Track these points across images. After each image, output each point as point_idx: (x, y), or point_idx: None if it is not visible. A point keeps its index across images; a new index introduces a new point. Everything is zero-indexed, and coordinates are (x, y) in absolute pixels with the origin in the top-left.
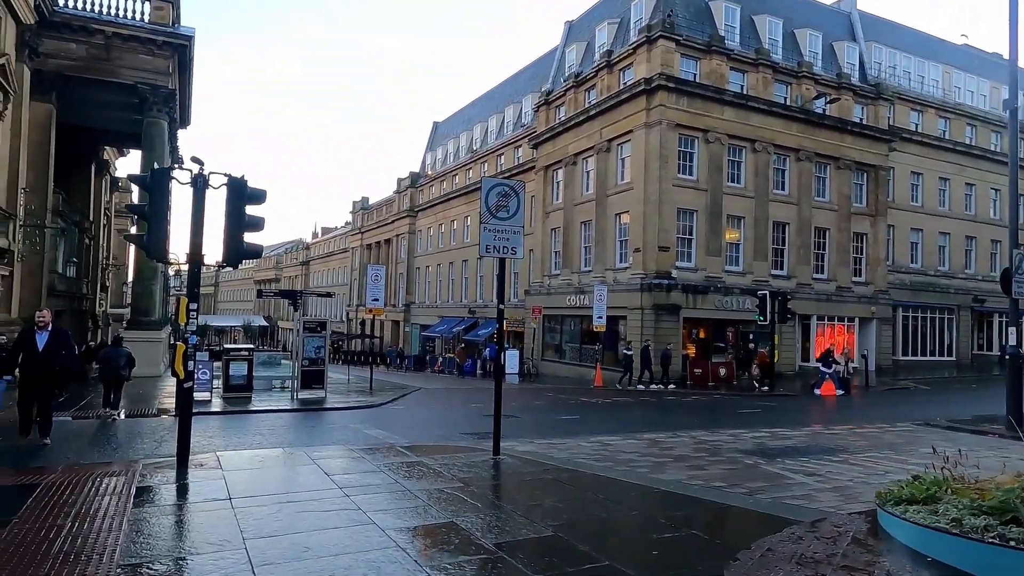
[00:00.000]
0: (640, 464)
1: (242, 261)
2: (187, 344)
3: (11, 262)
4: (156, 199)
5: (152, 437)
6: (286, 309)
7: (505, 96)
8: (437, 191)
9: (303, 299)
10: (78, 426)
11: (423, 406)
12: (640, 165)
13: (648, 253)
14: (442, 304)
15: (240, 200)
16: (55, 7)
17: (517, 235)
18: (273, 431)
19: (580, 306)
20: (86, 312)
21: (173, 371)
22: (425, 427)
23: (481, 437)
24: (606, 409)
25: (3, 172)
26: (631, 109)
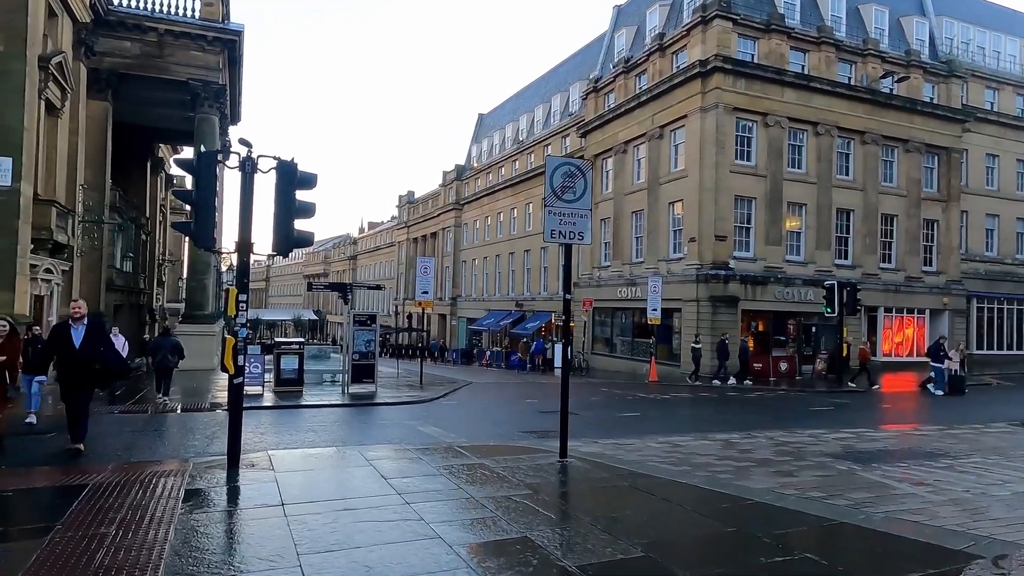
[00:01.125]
0: (720, 469)
1: (293, 250)
2: (237, 338)
3: (70, 257)
4: (203, 184)
5: (204, 433)
6: (334, 303)
7: (551, 85)
8: (483, 183)
9: (352, 292)
10: (131, 420)
11: (476, 401)
12: (695, 151)
13: (704, 243)
14: (489, 297)
15: (290, 185)
16: (110, 6)
17: (584, 219)
18: (325, 427)
19: (631, 298)
20: (143, 307)
21: (223, 366)
22: (481, 424)
23: (542, 436)
24: (666, 406)
25: (62, 169)
26: (685, 93)
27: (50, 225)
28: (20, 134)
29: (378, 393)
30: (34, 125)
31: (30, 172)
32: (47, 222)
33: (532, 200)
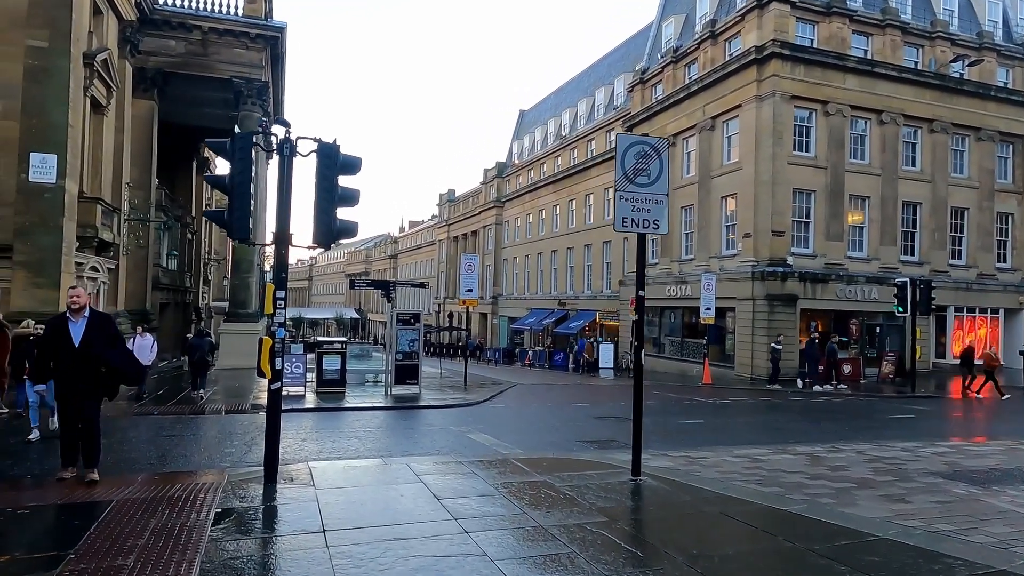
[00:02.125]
0: (817, 491)
1: (335, 241)
2: (274, 338)
3: (116, 255)
4: (238, 169)
5: (243, 438)
6: (375, 301)
7: (595, 78)
8: (524, 180)
9: (395, 290)
10: (169, 423)
11: (524, 405)
12: (750, 142)
13: (760, 238)
14: (531, 296)
15: (332, 169)
16: (155, 5)
17: (660, 205)
18: (369, 433)
19: (680, 297)
20: (189, 305)
21: (259, 369)
22: (534, 431)
23: (603, 447)
24: (729, 412)
25: (107, 167)
26: (739, 82)
27: (95, 223)
28: (64, 131)
29: (422, 395)
30: (79, 122)
31: (75, 169)
32: (92, 220)
33: (575, 197)
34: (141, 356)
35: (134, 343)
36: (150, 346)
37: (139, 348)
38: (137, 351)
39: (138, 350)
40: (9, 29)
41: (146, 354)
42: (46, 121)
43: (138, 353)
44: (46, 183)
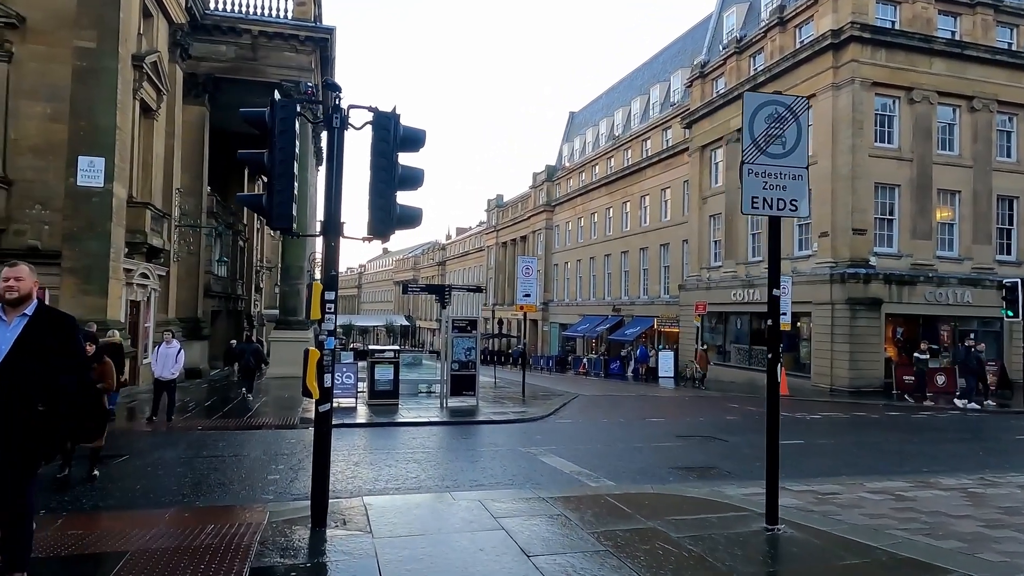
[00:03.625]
0: (1009, 548)
1: (395, 231)
2: (322, 350)
3: (167, 262)
4: (279, 144)
5: (289, 460)
6: (424, 308)
7: (649, 76)
8: (575, 183)
9: (450, 295)
10: (212, 440)
11: (592, 420)
12: (826, 134)
13: (839, 237)
14: (583, 302)
15: (390, 144)
16: (206, 10)
17: (799, 181)
18: (428, 455)
19: (748, 301)
20: (241, 313)
21: (304, 387)
22: (614, 454)
23: (703, 475)
24: (826, 429)
25: (158, 172)
26: (812, 69)
27: (144, 228)
28: (112, 133)
29: (480, 408)
30: (128, 125)
31: (124, 173)
32: (141, 225)
33: (629, 198)
34: (165, 367)
35: (158, 352)
36: (175, 355)
37: (163, 358)
38: (160, 361)
39: (161, 360)
40: (56, 30)
41: (170, 365)
42: (94, 123)
43: (162, 364)
44: (94, 187)
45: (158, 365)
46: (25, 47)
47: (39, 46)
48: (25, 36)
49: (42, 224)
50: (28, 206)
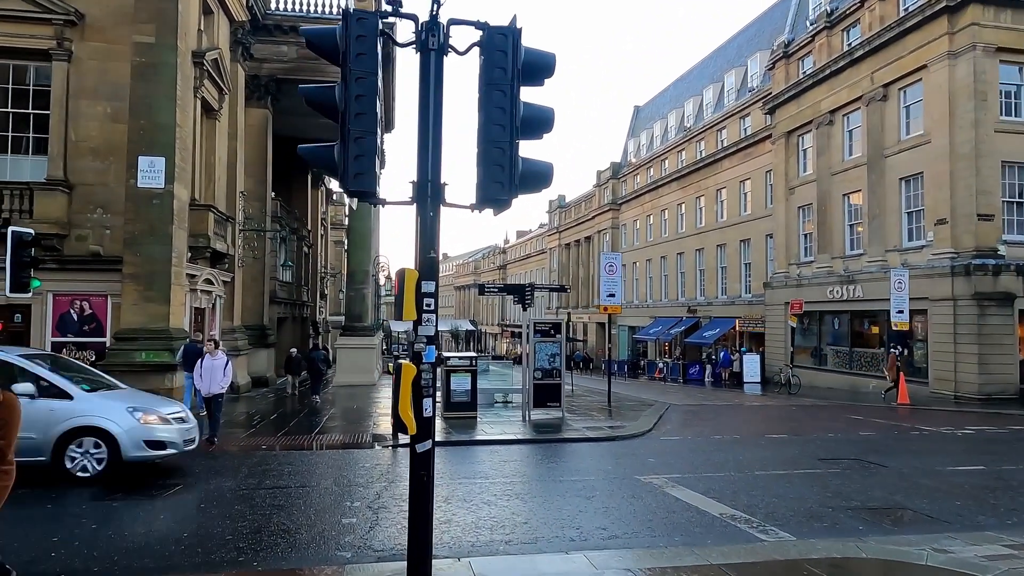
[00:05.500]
0: None
1: (517, 194)
2: (420, 364)
3: (231, 267)
4: (355, 72)
5: (365, 494)
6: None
7: (722, 62)
8: (643, 179)
9: (532, 296)
10: (278, 463)
11: (702, 436)
12: (941, 109)
13: (960, 224)
14: (654, 303)
15: (509, 71)
16: (267, 10)
17: None
18: (530, 486)
19: (847, 299)
20: (307, 320)
21: (396, 419)
22: (757, 484)
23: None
24: (990, 448)
25: (221, 174)
26: (922, 38)
27: (208, 232)
28: (172, 131)
29: (567, 421)
30: (189, 124)
31: (184, 174)
32: (204, 228)
33: (703, 193)
34: (213, 382)
35: (202, 365)
36: (223, 368)
37: (209, 371)
38: (207, 375)
39: (208, 374)
40: (115, 27)
41: (219, 379)
42: (153, 122)
43: (208, 378)
44: (154, 188)
45: (204, 380)
46: (84, 45)
47: (98, 43)
48: (84, 33)
49: (103, 229)
50: (89, 210)
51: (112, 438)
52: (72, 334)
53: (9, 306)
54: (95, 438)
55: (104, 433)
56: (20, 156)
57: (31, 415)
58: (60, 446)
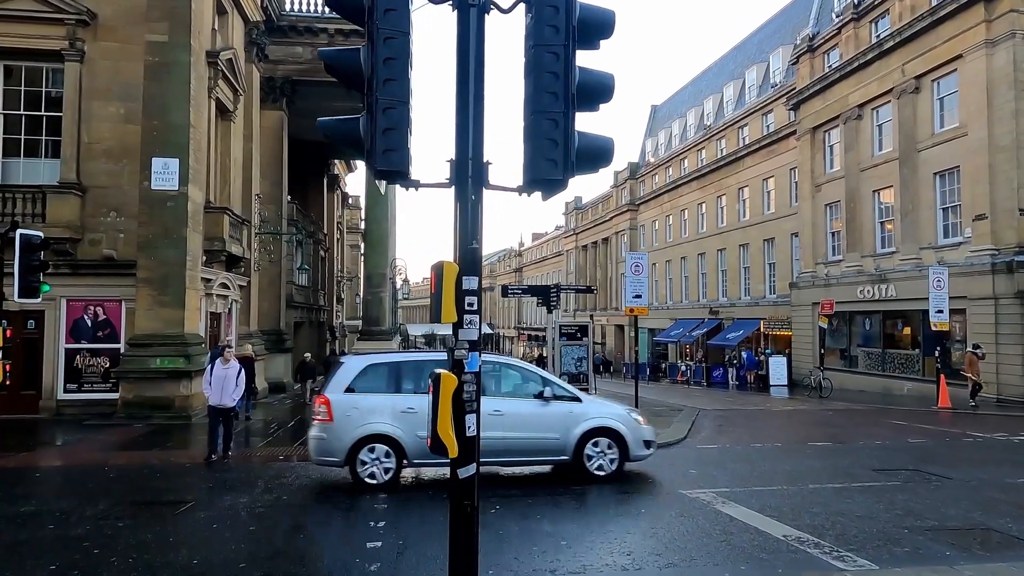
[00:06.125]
0: None
1: (573, 174)
2: (462, 373)
3: (247, 271)
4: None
5: (388, 516)
6: (503, 316)
7: (743, 58)
8: (661, 179)
9: (558, 297)
10: (294, 473)
11: (741, 444)
12: (978, 100)
13: (1000, 219)
14: (675, 305)
15: (562, 30)
16: (282, 11)
17: None
18: (564, 501)
19: (879, 298)
20: (323, 324)
21: (435, 438)
22: (815, 499)
23: (986, 543)
24: None
25: (236, 176)
26: (958, 26)
27: (223, 235)
28: (186, 132)
29: None
30: (203, 124)
31: (199, 175)
32: (219, 231)
33: (724, 192)
34: (225, 392)
35: (212, 373)
36: (236, 376)
37: (220, 380)
38: (216, 385)
39: (218, 383)
40: (127, 26)
41: (230, 389)
42: (167, 122)
43: (219, 388)
44: (168, 190)
45: (214, 389)
46: (97, 45)
47: (111, 43)
48: (96, 33)
49: (117, 232)
50: (103, 213)
51: (621, 438)
52: (86, 340)
53: (23, 312)
54: (608, 439)
55: (615, 433)
56: (33, 159)
57: (550, 417)
58: (580, 446)
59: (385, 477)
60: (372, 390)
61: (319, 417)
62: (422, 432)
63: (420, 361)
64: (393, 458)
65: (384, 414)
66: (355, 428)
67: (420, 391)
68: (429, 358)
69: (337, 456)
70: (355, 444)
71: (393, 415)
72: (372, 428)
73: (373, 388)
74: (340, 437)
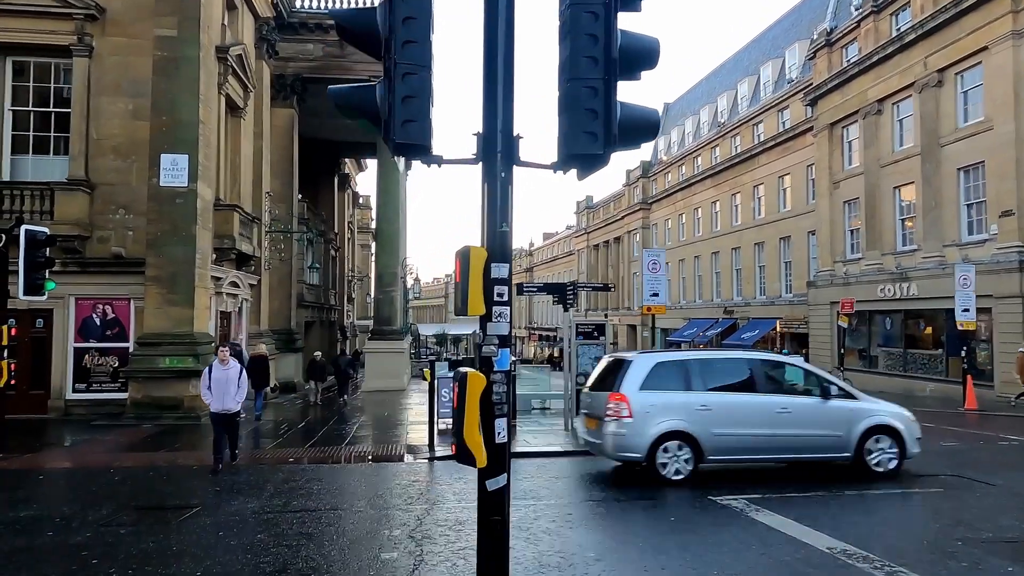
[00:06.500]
0: None
1: (615, 149)
2: (491, 372)
3: (258, 270)
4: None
5: (404, 520)
6: (514, 315)
7: (758, 54)
8: (674, 178)
9: (575, 295)
10: (303, 479)
11: None
12: (1005, 93)
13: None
14: (688, 304)
15: None
16: (292, 8)
17: None
18: (588, 509)
19: (901, 297)
20: (334, 324)
21: (461, 447)
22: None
23: None
24: None
25: (246, 174)
26: (982, 18)
27: (233, 233)
28: (195, 128)
29: None
30: (213, 121)
31: (209, 172)
32: (229, 229)
33: (739, 190)
34: (227, 396)
35: (211, 375)
36: (237, 379)
37: (220, 384)
38: (217, 388)
39: (219, 387)
40: (136, 21)
41: (233, 392)
42: (176, 118)
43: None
44: (177, 187)
45: (215, 394)
46: (105, 40)
47: (119, 38)
48: (105, 28)
49: (126, 230)
50: (111, 211)
51: (899, 435)
52: (95, 339)
53: (31, 311)
54: (889, 436)
55: (893, 431)
56: (42, 156)
57: (832, 414)
58: (861, 443)
59: (683, 473)
60: (663, 388)
61: (617, 414)
62: (717, 430)
63: (707, 360)
64: (691, 455)
65: (679, 411)
66: (654, 425)
67: (710, 389)
68: (715, 356)
69: (638, 452)
70: (655, 441)
71: (688, 412)
72: (670, 425)
73: (663, 386)
74: (640, 433)
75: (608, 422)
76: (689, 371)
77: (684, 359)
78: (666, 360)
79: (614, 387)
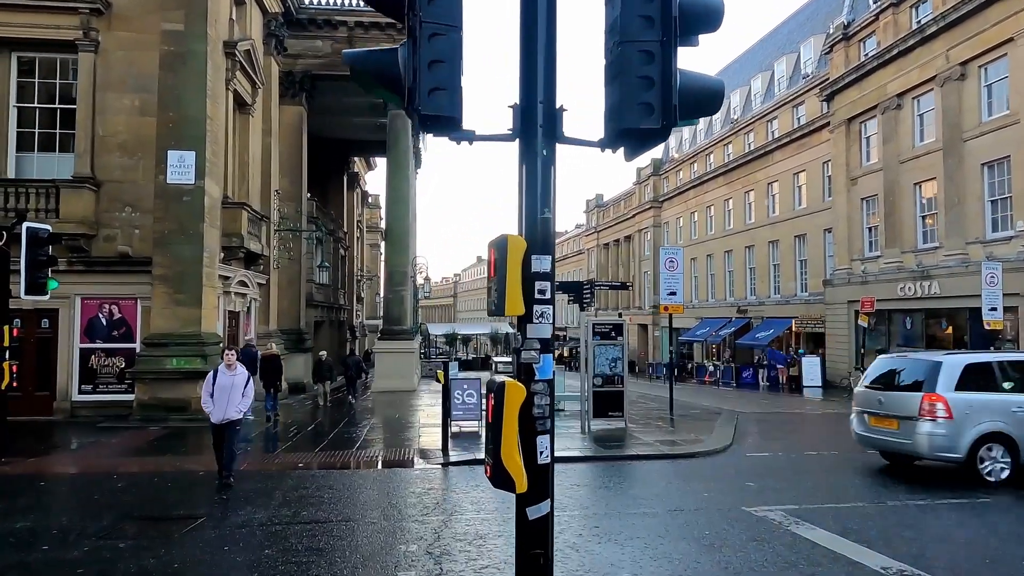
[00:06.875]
0: None
1: (675, 122)
2: (531, 383)
3: (267, 269)
4: None
5: (419, 531)
6: None
7: (772, 49)
8: (686, 175)
9: (592, 293)
10: (312, 486)
11: (795, 452)
12: None
13: None
14: (700, 304)
15: None
16: (300, 4)
17: None
18: (616, 522)
19: (921, 296)
20: (344, 323)
21: (498, 468)
22: (894, 516)
23: None
24: None
25: (255, 172)
26: (1007, 8)
27: (241, 231)
28: (203, 124)
29: (632, 433)
30: (221, 117)
31: (216, 169)
32: (237, 227)
33: (753, 187)
34: (230, 405)
35: (214, 382)
36: (243, 386)
37: (223, 391)
38: (219, 396)
39: (221, 394)
40: (142, 16)
41: (236, 400)
42: (183, 114)
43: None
44: (184, 184)
45: (217, 402)
46: (111, 35)
47: (125, 33)
48: (111, 23)
49: (132, 228)
50: (117, 209)
51: None
52: (101, 340)
53: (36, 311)
54: None
55: None
56: (47, 153)
57: None
58: None
59: (1002, 476)
60: (975, 389)
61: (935, 414)
62: None
63: (1016, 361)
64: (1009, 457)
65: (996, 413)
66: (973, 426)
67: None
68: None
69: (958, 453)
70: (976, 442)
71: (1004, 414)
72: (989, 427)
73: (975, 387)
74: (960, 434)
75: (923, 422)
76: (998, 371)
77: (993, 360)
78: (976, 361)
79: (923, 388)
